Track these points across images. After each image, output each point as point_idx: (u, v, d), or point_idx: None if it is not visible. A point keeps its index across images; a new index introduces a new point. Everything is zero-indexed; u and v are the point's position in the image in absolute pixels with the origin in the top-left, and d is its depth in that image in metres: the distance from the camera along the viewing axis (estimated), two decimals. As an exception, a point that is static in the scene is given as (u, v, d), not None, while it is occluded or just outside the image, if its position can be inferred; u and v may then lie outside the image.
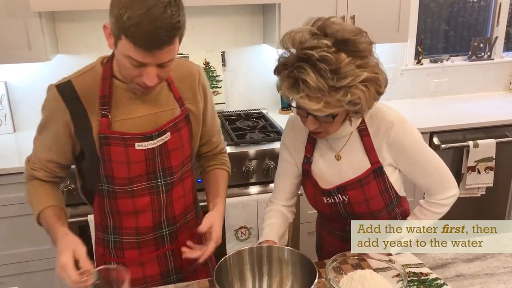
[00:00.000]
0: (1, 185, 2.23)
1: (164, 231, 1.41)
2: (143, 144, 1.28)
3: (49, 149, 1.33)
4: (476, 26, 3.49)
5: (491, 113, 2.95)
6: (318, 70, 1.18)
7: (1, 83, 2.66)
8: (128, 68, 1.17)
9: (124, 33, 1.10)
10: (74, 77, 1.30)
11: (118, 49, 1.15)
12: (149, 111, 1.31)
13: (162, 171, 1.34)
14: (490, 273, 1.40)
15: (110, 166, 1.28)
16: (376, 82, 1.25)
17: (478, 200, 2.86)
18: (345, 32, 1.22)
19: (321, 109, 1.22)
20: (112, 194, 1.33)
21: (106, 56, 1.33)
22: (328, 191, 1.45)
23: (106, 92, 1.26)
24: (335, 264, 1.28)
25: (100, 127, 1.26)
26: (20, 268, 2.36)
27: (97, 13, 2.65)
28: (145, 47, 1.10)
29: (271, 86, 3.03)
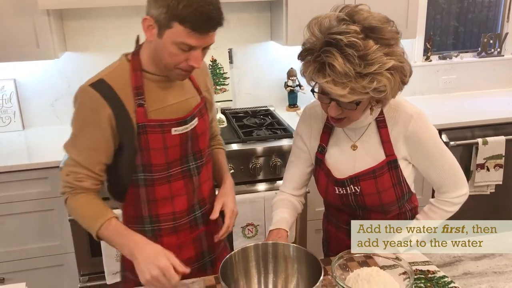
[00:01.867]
0: (10, 182, 2.25)
1: (197, 213, 1.48)
2: (179, 129, 1.36)
3: (95, 151, 1.33)
4: (486, 22, 3.45)
5: (500, 110, 2.92)
6: (346, 55, 1.18)
7: (10, 80, 2.68)
8: (175, 55, 1.24)
9: (178, 20, 1.18)
10: (104, 75, 1.33)
11: (165, 37, 1.22)
12: (178, 99, 1.39)
13: (193, 154, 1.43)
14: (498, 271, 1.39)
15: (148, 154, 1.34)
16: (401, 71, 1.26)
17: (487, 198, 2.83)
18: (373, 20, 1.23)
19: (346, 95, 1.21)
20: (150, 182, 1.37)
21: (128, 53, 1.38)
22: (341, 180, 1.45)
23: (139, 83, 1.32)
24: (341, 261, 1.28)
25: (137, 117, 1.31)
26: (28, 264, 2.38)
27: (105, 10, 2.67)
28: (201, 30, 1.20)
29: (278, 83, 3.03)
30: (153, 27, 1.23)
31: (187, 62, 1.26)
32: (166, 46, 1.23)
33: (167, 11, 1.18)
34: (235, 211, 1.48)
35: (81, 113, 1.32)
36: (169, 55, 1.25)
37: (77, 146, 1.34)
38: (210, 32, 1.23)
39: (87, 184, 1.34)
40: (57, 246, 2.39)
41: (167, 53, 1.25)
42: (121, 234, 1.30)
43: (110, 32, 2.72)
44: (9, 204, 2.27)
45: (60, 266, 2.42)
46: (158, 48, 1.26)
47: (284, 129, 2.56)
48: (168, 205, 1.41)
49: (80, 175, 1.33)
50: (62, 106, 2.78)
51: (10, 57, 2.36)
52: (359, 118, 1.37)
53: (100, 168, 1.35)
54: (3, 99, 2.68)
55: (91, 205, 1.35)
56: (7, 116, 2.70)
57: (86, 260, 2.31)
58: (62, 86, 2.75)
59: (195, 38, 1.21)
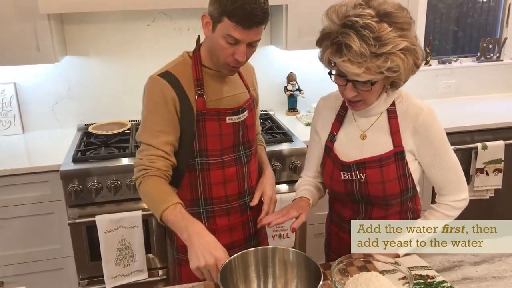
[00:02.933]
0: (11, 185, 2.25)
1: (246, 199, 1.62)
2: (233, 118, 1.52)
3: (166, 132, 1.45)
4: (485, 27, 3.46)
5: (500, 114, 2.93)
6: (362, 36, 1.26)
7: (10, 84, 2.68)
8: (224, 47, 1.38)
9: (227, 15, 1.33)
10: (169, 68, 1.49)
11: (217, 31, 1.37)
12: (231, 93, 1.55)
13: (243, 144, 1.58)
14: (497, 276, 1.39)
15: (204, 140, 1.49)
16: (414, 54, 1.33)
17: (486, 202, 2.83)
18: (388, 6, 1.31)
19: (361, 74, 1.29)
20: (206, 166, 1.52)
21: (189, 51, 1.54)
22: (347, 164, 1.47)
23: (200, 75, 1.48)
24: (341, 266, 1.28)
25: (197, 106, 1.47)
26: (27, 268, 2.38)
27: (105, 15, 2.68)
28: (245, 25, 1.33)
29: (278, 87, 3.03)
30: (209, 23, 1.39)
31: (233, 56, 1.39)
32: (217, 39, 1.38)
33: (219, 7, 1.34)
34: (273, 198, 1.61)
35: (151, 98, 1.46)
36: (219, 48, 1.39)
37: (148, 130, 1.46)
38: (252, 27, 1.34)
39: (159, 164, 1.44)
40: (57, 250, 2.39)
41: (218, 46, 1.39)
42: (183, 218, 1.36)
43: (111, 36, 2.72)
44: (8, 207, 2.27)
45: (59, 270, 2.42)
46: (212, 42, 1.42)
47: (283, 133, 2.56)
48: (221, 189, 1.55)
49: (152, 156, 1.44)
50: (62, 109, 2.79)
51: (11, 60, 2.37)
52: (374, 103, 1.42)
53: (170, 148, 1.46)
54: (3, 103, 2.69)
55: (160, 189, 1.43)
56: (7, 119, 2.71)
57: (86, 264, 2.30)
58: (62, 89, 2.76)
59: (239, 31, 1.34)
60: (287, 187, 2.44)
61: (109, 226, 2.16)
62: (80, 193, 2.20)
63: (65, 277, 2.43)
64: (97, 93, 2.79)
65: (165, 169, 1.45)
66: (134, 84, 2.80)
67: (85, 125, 2.78)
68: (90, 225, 2.20)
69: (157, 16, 2.71)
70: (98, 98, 2.80)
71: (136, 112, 2.81)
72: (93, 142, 2.49)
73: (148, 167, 1.43)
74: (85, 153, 2.36)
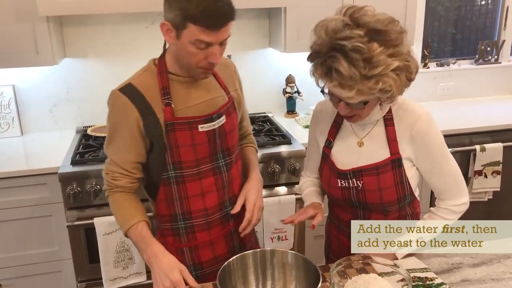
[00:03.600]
0: (9, 187, 2.25)
1: (228, 209, 1.53)
2: (205, 126, 1.42)
3: (127, 151, 1.41)
4: (483, 29, 3.47)
5: (498, 117, 2.93)
6: (351, 59, 1.22)
7: (9, 86, 2.68)
8: (194, 54, 1.30)
9: (192, 20, 1.24)
10: (132, 80, 1.41)
11: (182, 38, 1.29)
12: (204, 98, 1.45)
13: (221, 152, 1.48)
14: (496, 278, 1.39)
15: (177, 152, 1.40)
16: (407, 70, 1.29)
17: (485, 204, 2.84)
18: (377, 23, 1.26)
19: (353, 96, 1.27)
20: (180, 179, 1.43)
21: (155, 58, 1.45)
22: (344, 172, 1.47)
23: (165, 84, 1.39)
24: (340, 268, 1.28)
25: (165, 116, 1.38)
26: (26, 270, 2.37)
27: (104, 17, 2.68)
28: (214, 27, 1.25)
29: (277, 89, 3.04)
30: (171, 31, 1.30)
31: (206, 60, 1.32)
32: (185, 47, 1.29)
33: (180, 13, 1.25)
34: (257, 204, 1.51)
35: (112, 116, 1.41)
36: (188, 54, 1.31)
37: (111, 146, 1.43)
38: (222, 27, 1.27)
39: (123, 182, 1.42)
40: (55, 253, 2.38)
41: (187, 53, 1.31)
42: (143, 240, 1.38)
43: (109, 38, 2.73)
44: (7, 210, 2.27)
45: (58, 273, 2.42)
46: (178, 49, 1.33)
47: (282, 136, 2.56)
48: (200, 202, 1.47)
49: (116, 174, 1.42)
50: (61, 112, 2.79)
51: (9, 63, 2.37)
52: (369, 114, 1.40)
53: (133, 166, 1.42)
54: (2, 105, 2.68)
55: (124, 206, 1.43)
56: (6, 122, 2.70)
57: (84, 266, 2.30)
58: (61, 92, 2.76)
59: (209, 34, 1.26)
60: (286, 189, 2.44)
61: (107, 228, 2.16)
62: (79, 196, 2.20)
63: (64, 280, 2.42)
64: (96, 96, 2.78)
65: (129, 185, 1.44)
66: (133, 86, 2.80)
67: (84, 127, 2.77)
68: (88, 228, 2.20)
69: (156, 18, 2.71)
70: (97, 100, 2.80)
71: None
72: (92, 145, 2.49)
73: (112, 184, 1.43)
74: (84, 155, 2.36)
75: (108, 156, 1.45)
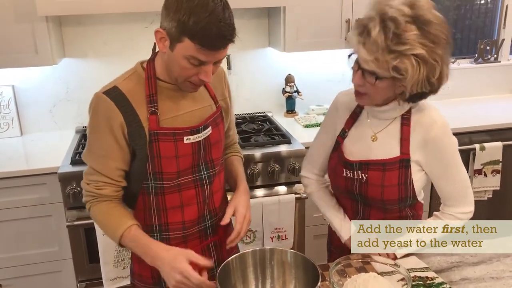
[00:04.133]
0: (8, 187, 2.25)
1: (207, 223, 1.47)
2: (191, 138, 1.35)
3: (111, 158, 1.32)
4: (483, 28, 3.47)
5: (497, 115, 2.93)
6: (384, 26, 1.25)
7: (9, 86, 2.68)
8: (186, 68, 1.24)
9: (189, 36, 1.18)
10: (118, 83, 1.33)
11: (176, 51, 1.22)
12: (192, 108, 1.38)
13: (205, 164, 1.41)
14: (495, 276, 1.39)
15: (158, 162, 1.33)
16: (431, 68, 1.28)
17: (485, 204, 2.84)
18: (430, 15, 1.28)
19: (369, 62, 1.27)
20: (160, 190, 1.37)
21: (143, 60, 1.38)
22: (351, 162, 1.47)
23: (152, 91, 1.32)
24: (339, 267, 1.28)
25: (149, 125, 1.31)
26: (26, 270, 2.37)
27: (103, 17, 2.68)
28: (211, 47, 1.19)
29: (276, 89, 3.04)
30: (165, 39, 1.23)
31: (197, 76, 1.26)
32: (177, 59, 1.24)
33: (178, 26, 1.18)
34: (247, 216, 1.45)
35: (95, 120, 1.32)
36: (180, 68, 1.25)
37: (93, 154, 1.34)
38: (220, 49, 1.22)
39: (108, 191, 1.34)
40: (55, 252, 2.38)
41: (178, 66, 1.25)
42: (139, 243, 1.31)
43: (109, 38, 2.73)
44: (7, 210, 2.27)
45: (58, 272, 2.42)
46: (170, 60, 1.27)
47: (282, 135, 2.56)
48: (178, 214, 1.41)
49: (100, 183, 1.34)
50: (61, 112, 2.79)
51: (9, 63, 2.37)
52: (379, 100, 1.39)
53: (118, 174, 1.35)
54: (1, 105, 2.68)
55: (112, 214, 1.35)
56: (5, 122, 2.70)
57: (84, 266, 2.30)
58: (60, 92, 2.76)
59: (205, 54, 1.20)
60: (286, 189, 2.44)
61: (107, 228, 2.16)
62: (79, 195, 2.19)
63: (64, 280, 2.42)
64: (96, 95, 2.79)
65: (114, 194, 1.36)
66: (132, 86, 2.80)
67: (83, 127, 2.77)
68: (88, 227, 2.20)
69: (155, 18, 2.71)
70: (97, 100, 2.80)
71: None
72: (92, 144, 2.48)
73: (95, 194, 1.34)
74: (84, 155, 2.36)
75: (89, 165, 1.35)
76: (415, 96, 1.35)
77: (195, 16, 1.15)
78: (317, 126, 2.78)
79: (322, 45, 2.71)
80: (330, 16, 2.63)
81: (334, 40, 2.68)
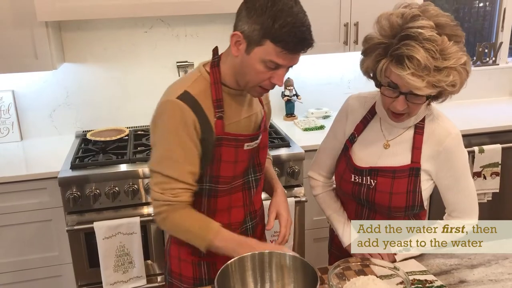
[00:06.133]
0: (8, 192, 2.25)
1: (248, 225, 1.50)
2: (251, 144, 1.39)
3: (187, 162, 1.32)
4: (481, 31, 3.48)
5: (496, 118, 2.94)
6: (427, 49, 1.23)
7: (9, 91, 2.69)
8: (261, 72, 1.25)
9: (272, 39, 1.19)
10: (187, 87, 1.32)
11: (253, 54, 1.23)
12: (249, 113, 1.41)
13: (253, 167, 1.45)
14: (494, 279, 1.39)
15: (218, 166, 1.35)
16: (469, 67, 1.31)
17: (484, 206, 2.84)
18: (442, 18, 1.29)
19: (423, 88, 1.25)
20: (213, 193, 1.39)
21: (205, 62, 1.38)
22: (360, 169, 1.47)
23: (219, 96, 1.33)
24: (338, 270, 1.28)
25: (216, 129, 1.32)
26: (26, 275, 2.37)
27: (103, 22, 2.69)
28: (293, 51, 1.21)
29: (276, 93, 3.04)
30: (240, 43, 1.24)
31: (269, 80, 1.27)
32: (253, 63, 1.24)
33: (261, 29, 1.19)
34: (289, 220, 1.47)
35: (171, 125, 1.29)
36: (254, 72, 1.25)
37: (169, 160, 1.31)
38: (299, 52, 1.23)
39: (185, 197, 1.33)
40: (55, 257, 2.39)
41: (253, 70, 1.25)
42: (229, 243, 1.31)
43: (108, 43, 2.74)
44: (7, 214, 2.27)
45: (58, 277, 2.42)
46: (244, 64, 1.26)
47: (281, 139, 2.57)
48: (225, 216, 1.43)
49: (176, 190, 1.31)
50: (60, 117, 2.79)
51: (9, 68, 2.37)
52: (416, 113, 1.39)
53: (193, 178, 1.34)
54: (2, 110, 2.69)
55: (197, 218, 1.34)
56: (5, 127, 2.71)
57: (84, 270, 2.30)
58: (60, 97, 2.77)
59: (284, 57, 1.22)
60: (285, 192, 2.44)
61: (107, 232, 2.16)
62: (79, 200, 2.20)
63: (64, 284, 2.42)
64: (95, 100, 2.79)
65: (191, 199, 1.35)
66: (132, 90, 2.81)
67: (83, 131, 2.78)
68: (88, 232, 2.20)
69: (154, 23, 2.72)
70: (96, 105, 2.81)
71: (134, 119, 2.85)
72: (91, 149, 2.49)
73: (173, 202, 1.31)
74: (83, 159, 2.36)
75: (162, 174, 1.31)
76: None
77: (281, 20, 1.17)
78: (316, 129, 2.78)
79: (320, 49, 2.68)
80: (329, 20, 2.64)
81: (332, 44, 2.69)
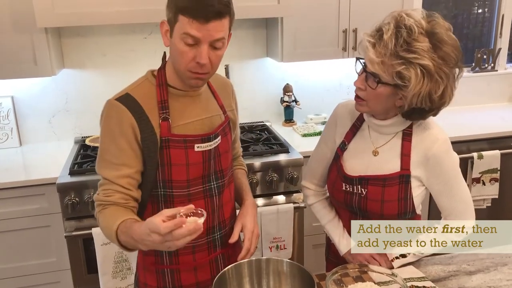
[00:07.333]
0: (7, 198, 2.25)
1: (216, 235, 1.45)
2: (202, 146, 1.35)
3: (122, 164, 1.30)
4: (480, 37, 3.49)
5: (495, 124, 2.94)
6: (397, 31, 1.27)
7: (8, 97, 2.69)
8: (183, 51, 1.23)
9: (181, 11, 1.20)
10: (130, 90, 1.34)
11: (174, 35, 1.24)
12: (202, 116, 1.38)
13: (214, 173, 1.41)
14: (493, 285, 1.39)
15: (169, 170, 1.33)
16: (435, 83, 1.28)
17: (483, 212, 2.84)
18: (444, 35, 1.30)
19: (375, 64, 1.28)
20: (169, 199, 1.36)
21: (154, 69, 1.39)
22: (350, 178, 1.47)
23: (164, 97, 1.33)
24: (336, 276, 1.28)
25: (161, 131, 1.31)
26: (24, 281, 2.37)
27: (102, 28, 2.70)
28: (201, 18, 1.19)
29: (275, 98, 3.05)
30: (168, 31, 1.27)
31: (194, 60, 1.24)
32: (176, 44, 1.24)
33: (173, 6, 1.23)
34: (255, 232, 1.43)
35: (108, 126, 1.31)
36: (179, 53, 1.25)
37: (105, 161, 1.31)
38: (210, 21, 1.20)
39: (115, 198, 1.29)
40: (53, 263, 2.38)
41: (178, 52, 1.25)
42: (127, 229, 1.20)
43: (107, 49, 2.74)
44: (5, 220, 2.27)
45: (56, 283, 2.41)
46: (172, 50, 1.28)
47: (280, 144, 2.57)
48: None
49: (109, 191, 1.30)
50: (59, 122, 2.80)
51: (8, 74, 2.38)
52: (378, 110, 1.39)
53: (128, 181, 1.30)
54: (1, 116, 2.69)
55: (111, 214, 1.27)
56: (4, 132, 2.71)
57: (82, 277, 2.29)
58: (59, 103, 2.77)
59: (197, 28, 1.20)
60: (284, 198, 2.44)
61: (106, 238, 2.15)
62: (77, 206, 2.20)
63: (62, 291, 2.42)
64: (94, 106, 2.79)
65: (124, 201, 1.30)
66: (131, 96, 2.81)
67: (82, 137, 2.78)
68: (86, 238, 2.20)
69: (154, 29, 2.73)
70: (95, 111, 2.79)
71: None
72: (90, 155, 2.49)
73: (104, 201, 1.29)
74: (82, 165, 2.36)
75: (102, 176, 1.32)
76: (414, 112, 1.35)
77: None
78: (315, 135, 2.78)
79: (319, 55, 2.73)
80: (327, 26, 2.65)
81: (331, 50, 2.70)
